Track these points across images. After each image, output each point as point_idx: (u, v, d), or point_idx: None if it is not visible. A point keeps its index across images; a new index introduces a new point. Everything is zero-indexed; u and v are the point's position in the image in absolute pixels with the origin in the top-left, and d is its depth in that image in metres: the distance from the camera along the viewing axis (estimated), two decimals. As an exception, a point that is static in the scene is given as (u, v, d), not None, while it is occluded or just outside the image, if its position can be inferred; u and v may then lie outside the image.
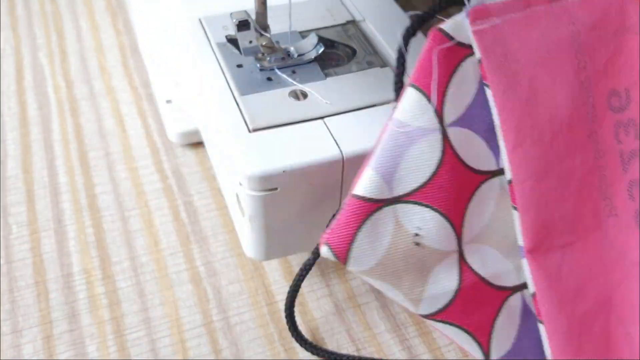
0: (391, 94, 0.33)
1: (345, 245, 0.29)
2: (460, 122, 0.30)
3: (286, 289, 0.41)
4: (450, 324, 0.31)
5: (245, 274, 0.42)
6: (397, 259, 0.30)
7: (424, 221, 0.29)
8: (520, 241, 0.30)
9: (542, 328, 0.31)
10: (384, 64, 0.40)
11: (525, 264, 0.30)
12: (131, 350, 0.38)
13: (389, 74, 0.39)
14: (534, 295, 0.31)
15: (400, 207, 0.30)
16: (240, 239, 0.39)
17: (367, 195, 0.29)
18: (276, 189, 0.34)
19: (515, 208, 0.29)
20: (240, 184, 0.34)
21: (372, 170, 0.29)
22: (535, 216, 0.30)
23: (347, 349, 0.38)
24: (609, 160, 0.31)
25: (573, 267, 0.30)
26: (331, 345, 0.38)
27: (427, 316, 0.32)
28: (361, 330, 0.39)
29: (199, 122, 0.46)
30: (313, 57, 0.39)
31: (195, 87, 0.42)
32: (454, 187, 0.30)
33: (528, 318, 0.32)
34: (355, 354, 0.38)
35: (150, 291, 0.41)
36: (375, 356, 0.38)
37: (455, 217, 0.30)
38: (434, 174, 0.30)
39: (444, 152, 0.29)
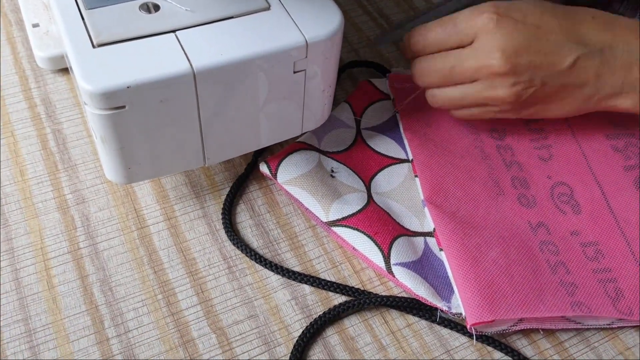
0: (250, 5, 0.36)
1: (276, 162, 0.41)
2: (373, 129, 0.46)
3: (158, 212, 0.41)
4: (354, 228, 0.39)
5: (116, 200, 0.41)
6: (316, 178, 0.41)
7: (337, 167, 0.43)
8: (422, 196, 0.41)
9: (443, 255, 0.38)
10: (245, -26, 0.38)
11: (426, 210, 0.40)
12: (-7, 281, 0.37)
13: (249, -15, 0.37)
14: (434, 230, 0.40)
15: (323, 156, 0.43)
16: (102, 163, 0.37)
17: (303, 141, 0.43)
18: (124, 106, 0.33)
19: (416, 176, 0.42)
20: (85, 103, 0.33)
21: (310, 132, 0.44)
22: (430, 178, 0.42)
23: (218, 267, 0.38)
24: (496, 163, 0.44)
25: (468, 213, 0.40)
26: (202, 264, 0.38)
27: (334, 222, 0.39)
28: (234, 248, 0.39)
29: (61, 44, 0.44)
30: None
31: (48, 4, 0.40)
32: (361, 160, 0.44)
33: (430, 256, 0.39)
34: (227, 270, 0.38)
35: (14, 221, 0.39)
36: (247, 272, 0.38)
37: (363, 175, 0.43)
38: (347, 149, 0.44)
39: (355, 140, 0.45)
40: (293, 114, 0.40)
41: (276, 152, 0.43)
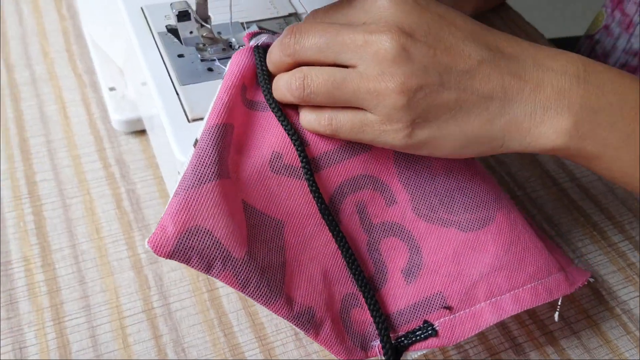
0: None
1: None
2: None
3: (227, 275, 0.42)
4: None
5: (187, 261, 0.42)
6: None
7: None
8: None
9: None
10: (323, 56, 0.41)
11: None
12: (70, 337, 0.38)
13: (328, 67, 0.40)
14: None
15: None
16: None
17: None
18: (215, 178, 0.35)
19: None
20: (179, 173, 0.35)
21: None
22: None
23: (285, 332, 0.39)
24: None
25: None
26: (270, 329, 0.40)
27: None
28: (299, 315, 0.40)
29: (142, 110, 0.46)
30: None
31: (137, 75, 0.43)
32: None
33: None
34: (294, 337, 0.39)
35: (91, 278, 0.41)
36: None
37: None
38: None
39: None
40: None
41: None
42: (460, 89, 0.32)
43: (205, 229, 0.31)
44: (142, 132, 0.50)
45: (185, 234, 0.31)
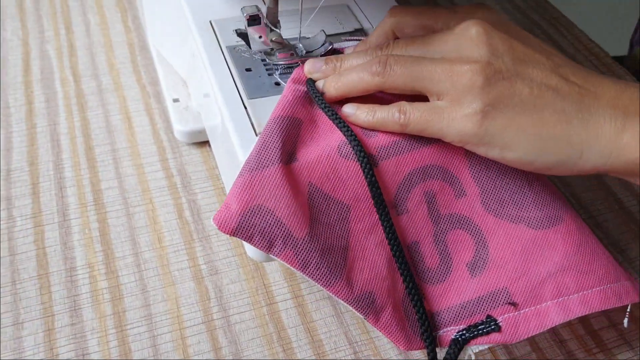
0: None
1: None
2: None
3: (286, 290, 0.42)
4: None
5: (246, 274, 0.42)
6: None
7: None
8: None
9: None
10: (390, 72, 0.41)
11: None
12: (132, 345, 0.38)
13: (395, 83, 0.40)
14: None
15: None
16: (243, 240, 0.39)
17: None
18: (281, 192, 0.35)
19: None
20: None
21: None
22: None
23: (344, 351, 0.39)
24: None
25: None
26: (328, 347, 0.39)
27: None
28: (359, 334, 0.40)
29: (206, 122, 0.47)
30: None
31: (204, 88, 0.43)
32: None
33: None
34: (352, 356, 0.39)
35: (152, 287, 0.41)
36: (372, 359, 0.39)
37: None
38: None
39: None
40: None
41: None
42: (534, 83, 0.32)
43: (268, 208, 0.32)
44: (204, 143, 0.50)
45: (248, 212, 0.32)
